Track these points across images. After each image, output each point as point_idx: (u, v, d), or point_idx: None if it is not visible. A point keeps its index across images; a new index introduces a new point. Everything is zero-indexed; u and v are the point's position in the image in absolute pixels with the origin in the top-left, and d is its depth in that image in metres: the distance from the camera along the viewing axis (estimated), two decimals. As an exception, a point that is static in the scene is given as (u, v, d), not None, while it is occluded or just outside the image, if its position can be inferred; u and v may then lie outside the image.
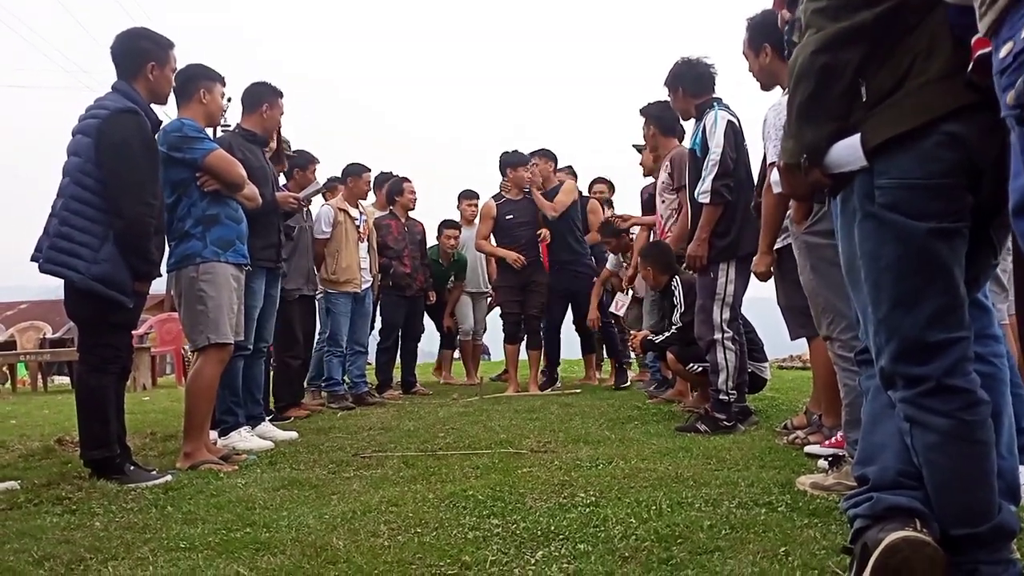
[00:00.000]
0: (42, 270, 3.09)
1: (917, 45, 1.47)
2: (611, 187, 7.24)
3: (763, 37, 3.12)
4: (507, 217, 6.23)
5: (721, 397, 3.93)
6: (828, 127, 1.54)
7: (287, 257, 5.06)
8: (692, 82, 4.05)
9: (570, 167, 7.13)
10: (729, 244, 3.91)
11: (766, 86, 3.26)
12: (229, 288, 3.49)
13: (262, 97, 4.27)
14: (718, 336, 3.95)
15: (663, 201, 4.97)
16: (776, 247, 3.41)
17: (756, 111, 3.36)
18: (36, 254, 3.10)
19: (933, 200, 1.47)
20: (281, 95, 4.35)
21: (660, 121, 4.98)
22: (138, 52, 3.22)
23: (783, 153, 1.64)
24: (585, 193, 6.95)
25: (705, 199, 3.87)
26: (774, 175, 3.29)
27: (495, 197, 6.42)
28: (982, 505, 1.48)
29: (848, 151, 1.52)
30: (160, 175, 3.27)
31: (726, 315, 3.94)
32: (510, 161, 6.25)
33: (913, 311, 1.50)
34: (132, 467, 3.13)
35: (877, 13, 1.48)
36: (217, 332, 3.43)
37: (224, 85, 3.73)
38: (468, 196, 7.53)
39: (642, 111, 5.06)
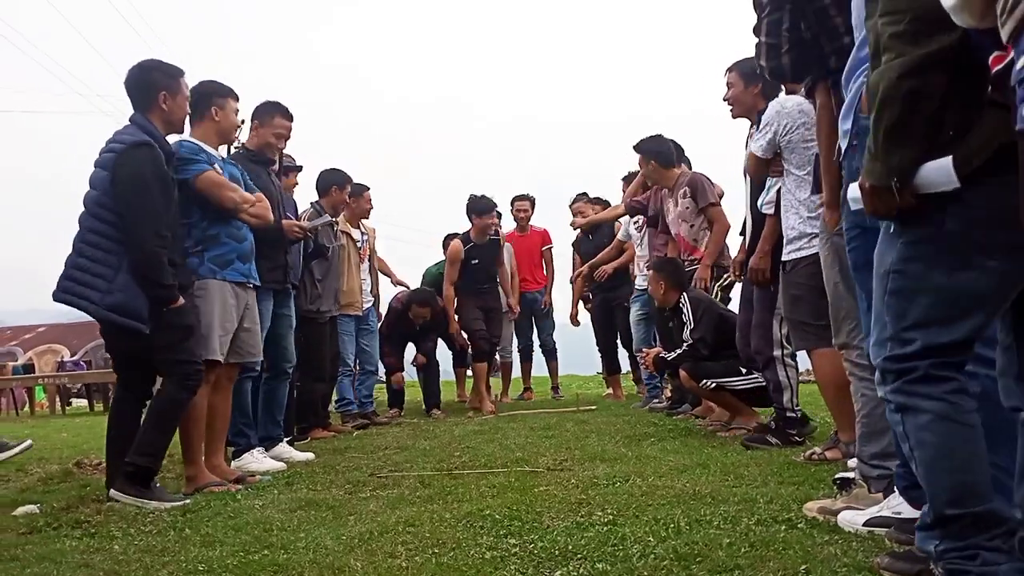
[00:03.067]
0: (55, 299, 3.16)
1: None
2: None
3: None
4: (473, 262, 6.36)
5: (788, 415, 3.86)
6: (916, 151, 1.53)
7: (321, 278, 5.06)
8: (770, 85, 3.90)
9: (599, 198, 7.23)
10: None
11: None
12: (223, 306, 3.47)
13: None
14: (777, 353, 3.87)
15: (691, 225, 5.03)
16: (784, 258, 3.39)
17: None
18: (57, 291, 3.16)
19: (1000, 232, 1.48)
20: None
21: (659, 156, 5.17)
22: (149, 84, 3.28)
23: (869, 175, 1.60)
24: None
25: (770, 210, 3.71)
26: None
27: (463, 239, 6.42)
28: (974, 486, 1.55)
29: (939, 172, 1.51)
30: (174, 205, 3.27)
31: (785, 330, 3.78)
32: (476, 208, 6.31)
33: (950, 329, 1.56)
34: (157, 484, 3.16)
35: (958, 36, 1.44)
36: (207, 350, 3.40)
37: (237, 100, 3.73)
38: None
39: (636, 148, 5.26)
